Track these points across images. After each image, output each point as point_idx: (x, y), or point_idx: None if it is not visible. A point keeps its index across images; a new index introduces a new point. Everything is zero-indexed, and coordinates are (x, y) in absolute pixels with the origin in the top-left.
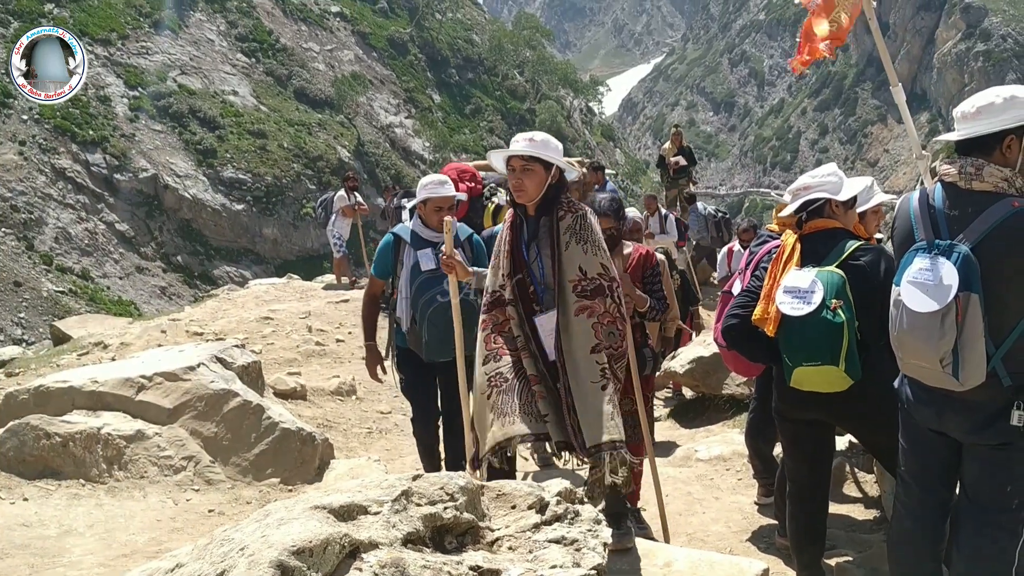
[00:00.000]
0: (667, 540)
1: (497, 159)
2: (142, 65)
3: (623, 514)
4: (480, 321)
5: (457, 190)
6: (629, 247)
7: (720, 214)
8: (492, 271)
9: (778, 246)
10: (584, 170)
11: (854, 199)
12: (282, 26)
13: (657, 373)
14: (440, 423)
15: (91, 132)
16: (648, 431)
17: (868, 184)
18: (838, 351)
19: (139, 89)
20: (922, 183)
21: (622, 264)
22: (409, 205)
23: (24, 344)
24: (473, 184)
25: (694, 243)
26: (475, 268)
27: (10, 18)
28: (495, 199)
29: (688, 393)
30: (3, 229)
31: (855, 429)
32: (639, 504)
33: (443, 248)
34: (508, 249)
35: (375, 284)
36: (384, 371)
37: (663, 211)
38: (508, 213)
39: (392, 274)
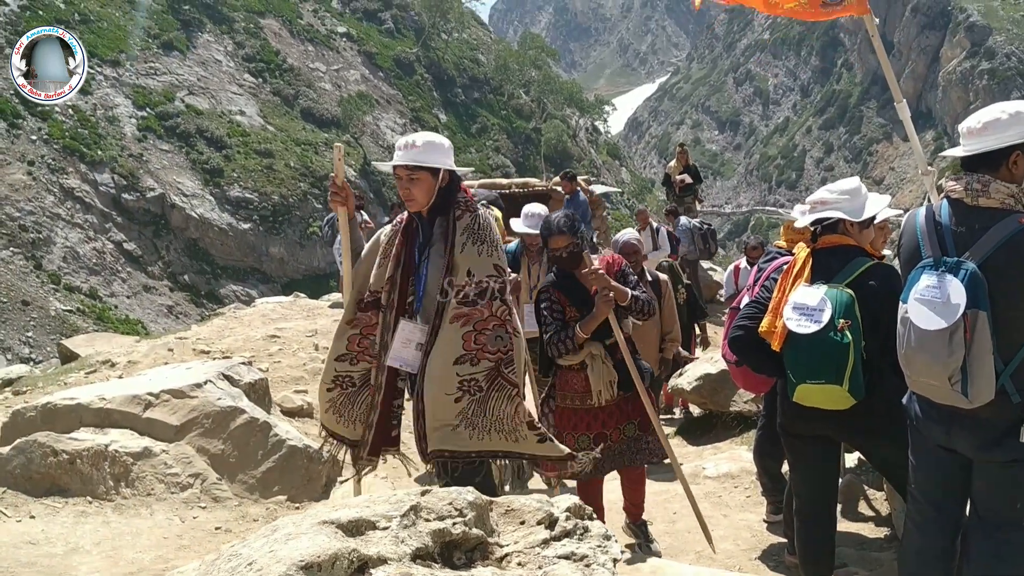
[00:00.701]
0: (708, 540)
1: (385, 168)
2: (150, 86)
3: None
4: (350, 319)
5: None
6: (595, 260)
7: (705, 226)
8: (377, 270)
9: (787, 263)
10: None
11: (872, 217)
12: (289, 46)
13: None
14: None
15: (99, 152)
16: (665, 440)
17: (885, 204)
18: (843, 371)
19: (147, 109)
20: (928, 200)
21: None
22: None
23: (31, 363)
24: None
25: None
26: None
27: (19, 38)
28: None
29: (696, 410)
30: (12, 248)
31: (860, 445)
32: (645, 517)
33: (334, 178)
34: (397, 252)
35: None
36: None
37: (655, 225)
38: (401, 215)
39: None
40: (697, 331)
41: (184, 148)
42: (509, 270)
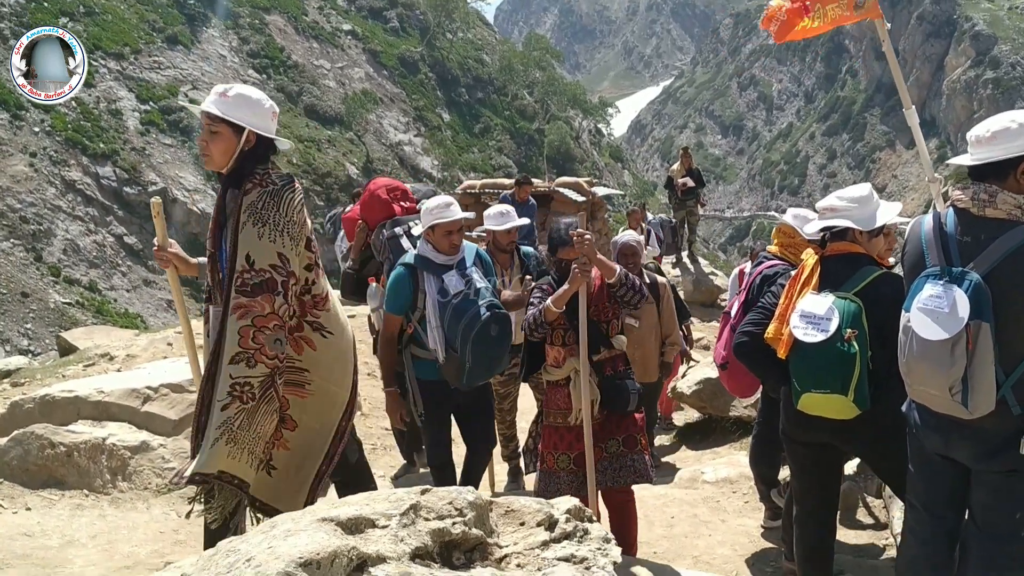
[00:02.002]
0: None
1: (195, 111)
2: (154, 79)
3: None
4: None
5: (390, 213)
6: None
7: (670, 222)
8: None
9: (771, 266)
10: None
11: (882, 227)
12: (294, 43)
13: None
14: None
15: (102, 145)
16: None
17: (896, 212)
18: (848, 381)
19: (150, 103)
20: (934, 208)
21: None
22: (416, 231)
23: (30, 355)
24: (407, 203)
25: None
26: (200, 260)
27: (23, 31)
28: None
29: (694, 415)
30: (12, 240)
31: (864, 454)
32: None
33: (156, 240)
34: (212, 226)
35: (393, 322)
36: (406, 417)
37: (645, 225)
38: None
39: (411, 308)
40: (684, 331)
41: (187, 143)
42: (529, 277)
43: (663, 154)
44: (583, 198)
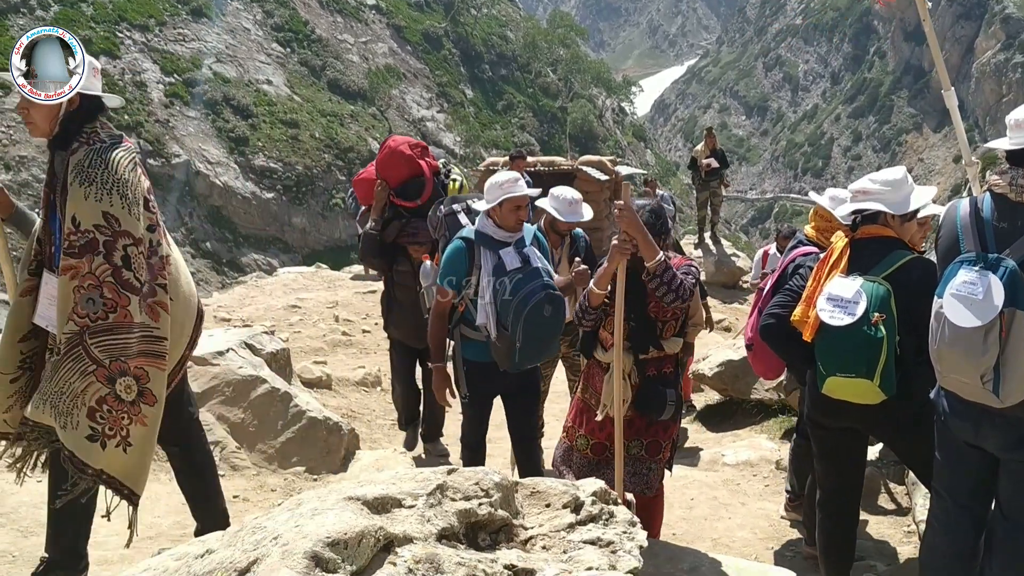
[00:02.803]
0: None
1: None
2: (178, 52)
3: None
4: (25, 288)
5: (416, 169)
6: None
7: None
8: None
9: (806, 254)
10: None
11: (915, 212)
12: (318, 17)
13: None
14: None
15: (126, 117)
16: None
17: (930, 197)
18: (874, 366)
19: (175, 76)
20: (970, 192)
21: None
22: (481, 207)
23: None
24: (430, 159)
25: None
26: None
27: (51, 2)
28: (454, 176)
29: (715, 397)
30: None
31: (890, 440)
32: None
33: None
34: (44, 192)
35: (446, 297)
36: (454, 395)
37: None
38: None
39: (465, 283)
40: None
41: (210, 116)
42: (578, 259)
43: (686, 134)
44: (606, 177)
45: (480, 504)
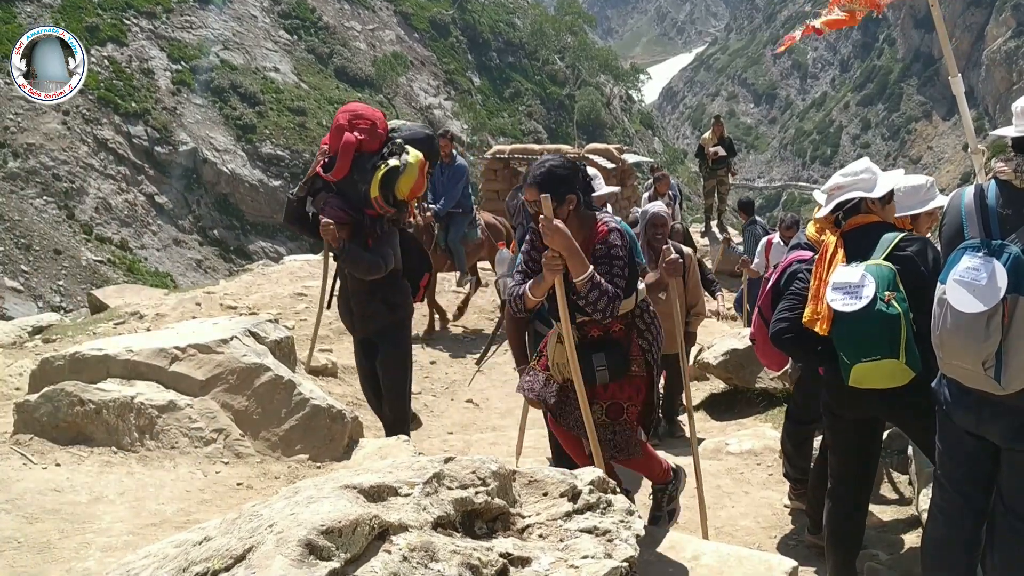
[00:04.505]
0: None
1: None
2: (186, 39)
3: None
4: None
5: (338, 144)
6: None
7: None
8: None
9: (801, 260)
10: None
11: (891, 193)
12: (325, 4)
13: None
14: None
15: (134, 104)
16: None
17: (926, 185)
18: (897, 343)
19: (182, 63)
20: (975, 179)
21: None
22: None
23: (62, 311)
24: (365, 135)
25: None
26: None
27: None
28: (393, 160)
29: (721, 385)
30: (44, 197)
31: (910, 426)
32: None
33: None
34: None
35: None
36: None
37: (672, 192)
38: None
39: None
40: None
41: (218, 103)
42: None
43: (694, 122)
44: (613, 165)
45: (477, 493)
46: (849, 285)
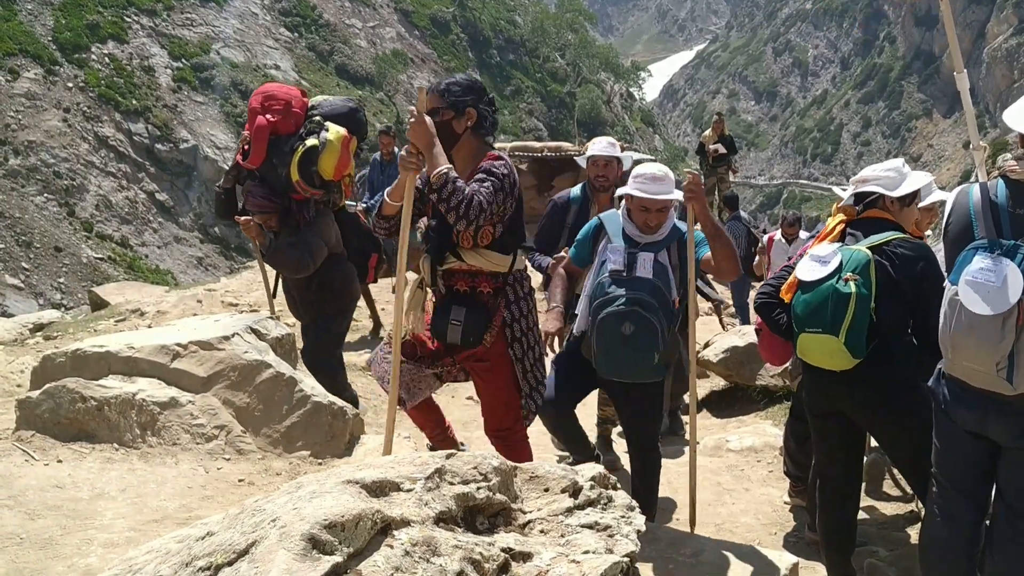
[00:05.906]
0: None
1: None
2: (186, 37)
3: None
4: None
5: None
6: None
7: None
8: None
9: None
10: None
11: (913, 196)
12: (326, 2)
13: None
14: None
15: (134, 102)
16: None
17: (926, 181)
18: (839, 321)
19: (183, 60)
20: (977, 176)
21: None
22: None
23: (63, 309)
24: (280, 116)
25: None
26: None
27: None
28: (311, 139)
29: (720, 383)
30: (45, 195)
31: (873, 425)
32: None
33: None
34: None
35: (571, 265)
36: (559, 345)
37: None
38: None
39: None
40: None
41: (218, 101)
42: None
43: (695, 119)
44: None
45: (478, 488)
46: (819, 257)
